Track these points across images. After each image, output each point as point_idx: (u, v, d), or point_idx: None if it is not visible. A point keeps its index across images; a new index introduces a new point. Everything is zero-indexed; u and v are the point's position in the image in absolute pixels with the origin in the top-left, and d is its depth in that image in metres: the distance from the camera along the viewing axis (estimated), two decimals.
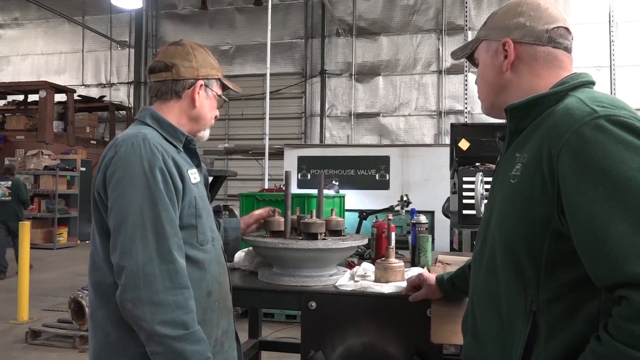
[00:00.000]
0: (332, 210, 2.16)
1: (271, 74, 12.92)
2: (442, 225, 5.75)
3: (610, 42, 7.17)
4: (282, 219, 2.06)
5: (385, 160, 6.91)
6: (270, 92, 13.12)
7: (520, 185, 1.09)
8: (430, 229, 6.35)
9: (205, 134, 1.69)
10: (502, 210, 1.15)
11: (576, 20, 11.52)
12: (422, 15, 12.88)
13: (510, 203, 1.12)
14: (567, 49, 1.21)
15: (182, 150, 1.56)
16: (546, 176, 1.03)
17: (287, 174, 2.01)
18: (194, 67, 1.59)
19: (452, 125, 4.67)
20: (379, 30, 13.17)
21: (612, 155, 0.94)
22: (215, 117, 1.71)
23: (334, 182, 5.82)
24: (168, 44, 1.67)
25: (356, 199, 6.55)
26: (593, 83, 1.17)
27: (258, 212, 2.08)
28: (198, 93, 1.60)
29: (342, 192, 5.91)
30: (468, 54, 1.36)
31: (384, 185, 6.81)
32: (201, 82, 1.60)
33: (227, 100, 1.71)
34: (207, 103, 1.64)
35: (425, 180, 6.61)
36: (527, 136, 1.15)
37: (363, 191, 6.75)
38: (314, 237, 1.97)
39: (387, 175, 6.89)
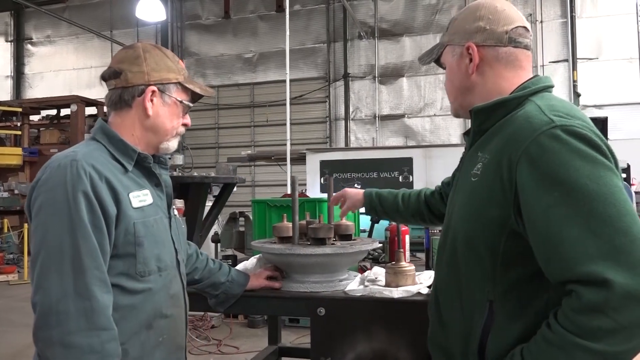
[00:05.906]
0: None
1: (295, 80, 13.03)
2: None
3: (638, 33, 6.90)
4: (290, 225, 2.05)
5: (409, 161, 6.83)
6: (294, 98, 13.23)
7: (480, 184, 1.19)
8: None
9: (170, 144, 1.52)
10: (463, 207, 1.26)
11: (603, 12, 11.19)
12: (444, 15, 12.70)
13: (470, 200, 1.22)
14: (527, 47, 1.30)
15: (130, 169, 1.42)
16: (505, 180, 1.12)
17: (293, 179, 1.99)
18: (144, 72, 1.43)
19: None
20: (401, 32, 13.06)
21: (567, 163, 1.03)
22: (185, 125, 1.54)
23: (355, 185, 5.77)
24: (121, 48, 1.53)
25: None
26: (552, 87, 1.28)
27: (266, 283, 1.97)
28: (150, 100, 1.44)
29: None
30: (434, 58, 1.43)
31: (408, 187, 6.69)
32: (153, 87, 1.44)
33: (191, 105, 1.52)
34: (164, 111, 1.47)
35: None
36: (489, 137, 1.23)
37: None
38: (321, 242, 1.94)
39: (411, 177, 6.81)
